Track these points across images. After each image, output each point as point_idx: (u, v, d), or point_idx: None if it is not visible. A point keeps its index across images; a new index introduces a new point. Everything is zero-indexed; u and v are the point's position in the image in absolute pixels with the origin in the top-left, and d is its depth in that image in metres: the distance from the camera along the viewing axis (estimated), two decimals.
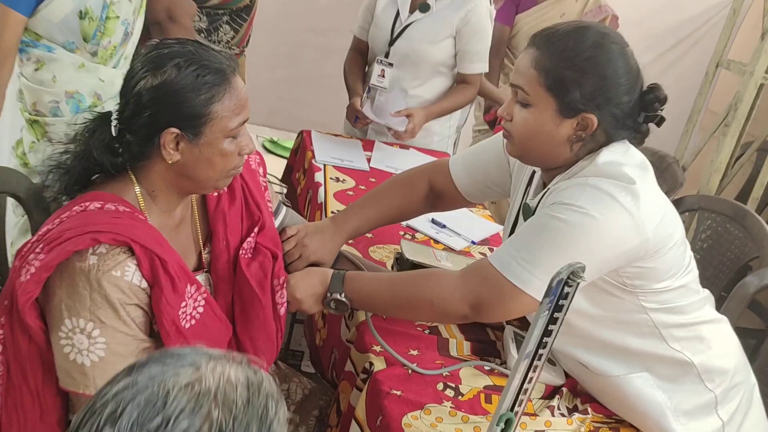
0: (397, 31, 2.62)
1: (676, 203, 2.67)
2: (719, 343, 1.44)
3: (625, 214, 1.26)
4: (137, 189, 1.26)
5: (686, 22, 4.38)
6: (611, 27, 3.33)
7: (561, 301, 1.09)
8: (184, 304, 1.23)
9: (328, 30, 4.29)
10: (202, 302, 1.28)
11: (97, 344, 1.14)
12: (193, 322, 1.26)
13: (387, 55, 2.65)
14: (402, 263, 1.75)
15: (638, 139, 1.37)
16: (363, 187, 2.29)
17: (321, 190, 2.20)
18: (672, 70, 4.38)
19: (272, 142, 4.87)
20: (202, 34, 2.67)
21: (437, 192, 1.71)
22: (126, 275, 1.15)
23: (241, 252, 1.38)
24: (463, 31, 2.57)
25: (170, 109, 1.18)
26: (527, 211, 1.46)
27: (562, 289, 1.08)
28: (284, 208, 1.61)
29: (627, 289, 1.35)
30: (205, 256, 1.39)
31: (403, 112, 2.53)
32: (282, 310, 1.43)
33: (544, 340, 1.11)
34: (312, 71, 4.46)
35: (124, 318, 1.16)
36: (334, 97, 2.88)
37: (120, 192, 1.25)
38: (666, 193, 2.58)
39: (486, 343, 1.59)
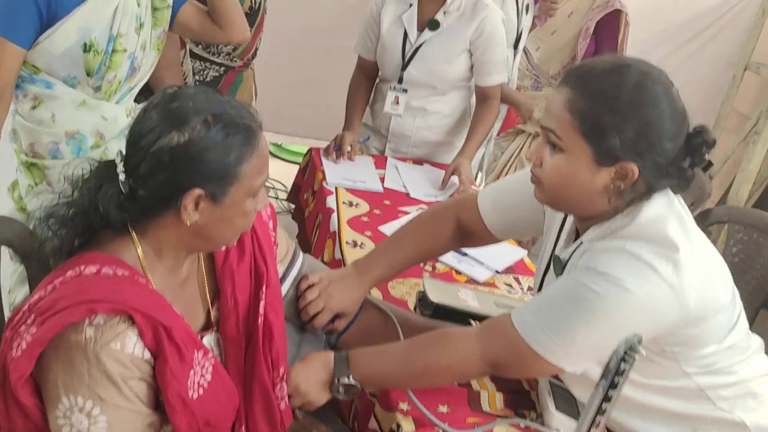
0: (408, 53, 2.49)
1: (703, 215, 2.55)
2: None
3: (665, 287, 1.14)
4: (139, 249, 1.15)
5: (701, 15, 4.23)
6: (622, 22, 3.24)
7: (617, 378, 0.99)
8: (192, 373, 1.13)
9: (332, 30, 4.17)
10: (210, 368, 1.18)
11: (98, 423, 1.05)
12: (201, 391, 1.16)
13: (400, 80, 2.52)
14: (425, 304, 1.63)
15: (682, 186, 1.23)
16: (378, 212, 2.17)
17: (334, 216, 2.09)
18: (688, 65, 4.23)
19: (277, 146, 4.77)
20: (200, 46, 2.54)
21: (465, 230, 1.59)
22: (127, 347, 1.05)
23: (259, 320, 1.27)
24: (478, 42, 2.44)
25: (196, 170, 1.09)
26: (557, 264, 1.34)
27: (619, 365, 0.98)
28: (301, 254, 1.49)
29: (666, 355, 1.24)
30: (213, 313, 1.28)
31: (448, 175, 2.41)
32: (282, 405, 1.31)
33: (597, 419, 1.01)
34: (317, 73, 4.34)
35: (126, 394, 1.06)
36: (340, 98, 2.76)
37: (119, 253, 1.14)
38: (691, 205, 2.45)
39: (520, 394, 1.48)
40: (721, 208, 2.51)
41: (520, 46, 2.89)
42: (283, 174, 4.33)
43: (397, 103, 2.53)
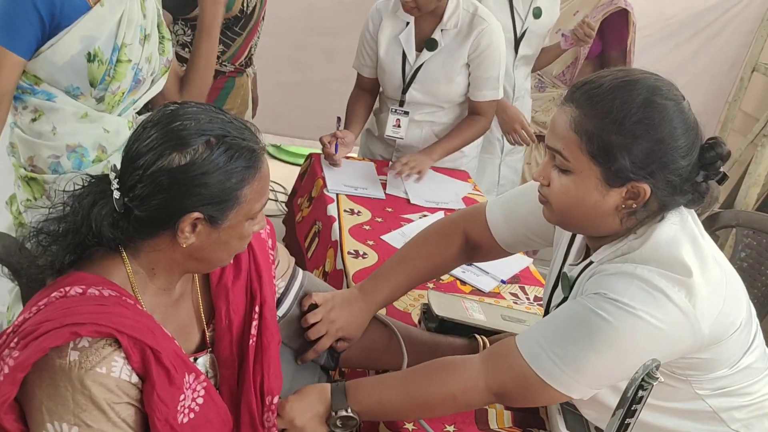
0: (408, 75, 2.44)
1: (711, 219, 2.51)
2: None
3: (679, 314, 1.09)
4: (129, 268, 1.11)
5: (702, 12, 4.18)
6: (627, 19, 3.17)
7: (634, 405, 0.94)
8: (182, 397, 1.08)
9: (332, 31, 4.13)
10: (202, 392, 1.13)
11: None
12: (192, 415, 1.11)
13: (402, 104, 2.48)
14: (430, 318, 1.59)
15: (696, 200, 1.17)
16: (380, 220, 2.13)
17: (335, 225, 2.04)
18: (690, 63, 4.20)
19: (277, 147, 4.73)
20: (187, 49, 2.42)
21: (473, 244, 1.53)
22: (113, 371, 1.01)
23: (251, 342, 1.23)
24: (474, 57, 2.38)
25: (196, 193, 1.05)
26: (565, 282, 1.29)
27: (636, 392, 0.94)
28: (301, 272, 1.44)
29: (678, 378, 1.19)
30: (209, 334, 1.24)
31: (398, 166, 2.35)
32: None
33: None
34: (316, 74, 4.31)
35: (113, 420, 1.02)
36: (340, 100, 2.72)
37: (107, 272, 1.09)
38: (699, 208, 2.40)
39: (529, 412, 1.43)
40: (729, 212, 2.47)
41: (521, 50, 2.80)
42: (282, 176, 4.28)
43: (399, 125, 2.49)
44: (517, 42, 2.74)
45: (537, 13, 2.74)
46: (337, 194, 2.23)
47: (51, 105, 1.58)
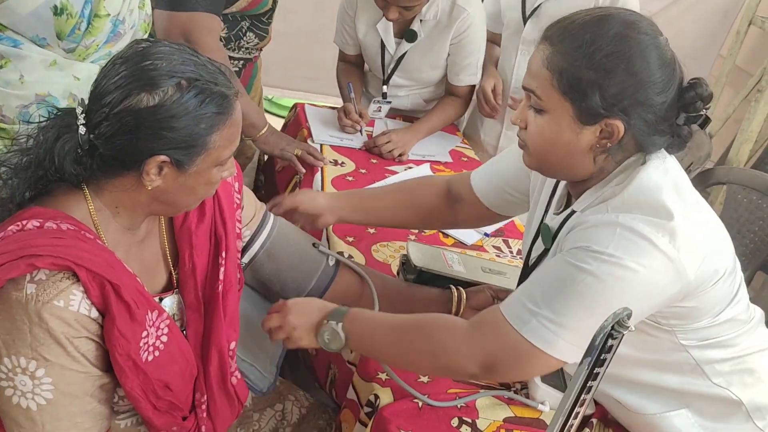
0: (389, 66, 2.38)
1: (703, 176, 2.48)
2: None
3: (664, 259, 1.06)
4: (91, 205, 1.08)
5: None
6: None
7: (604, 355, 0.92)
8: (145, 333, 1.06)
9: None
10: (166, 330, 1.11)
11: (42, 385, 0.99)
12: (156, 353, 1.10)
13: (384, 96, 2.43)
14: (408, 269, 1.56)
15: (678, 144, 1.14)
16: (363, 171, 2.09)
17: (318, 176, 2.01)
18: (687, 15, 4.12)
19: (268, 100, 4.66)
20: (221, 43, 2.27)
21: (455, 196, 1.53)
22: (71, 305, 0.98)
23: (219, 288, 1.21)
24: (454, 44, 2.30)
25: (163, 136, 1.01)
26: (546, 233, 1.26)
27: (606, 341, 0.91)
28: (272, 218, 1.41)
29: (662, 328, 1.17)
30: (175, 276, 1.22)
31: (383, 138, 2.24)
32: (234, 380, 1.25)
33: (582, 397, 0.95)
34: (305, 25, 4.22)
35: (72, 354, 1.00)
36: (331, 51, 2.66)
37: (66, 208, 1.06)
38: (690, 165, 2.37)
39: None
40: (721, 168, 2.44)
41: (527, 32, 2.41)
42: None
43: (380, 110, 2.43)
44: (525, 21, 2.38)
45: None
46: (321, 144, 2.19)
47: (17, 52, 1.51)
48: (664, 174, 1.12)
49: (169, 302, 1.20)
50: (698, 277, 1.09)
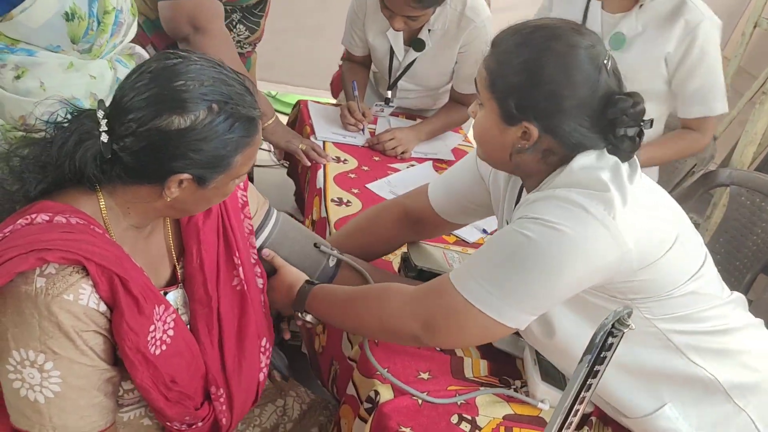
0: (396, 72, 2.39)
1: (706, 177, 2.47)
2: (751, 353, 1.26)
3: (599, 226, 1.08)
4: (102, 203, 1.08)
5: None
6: None
7: (604, 353, 0.92)
8: (152, 327, 1.07)
9: None
10: (172, 324, 1.12)
11: (51, 378, 1.00)
12: (164, 347, 1.10)
13: (387, 101, 2.44)
14: (409, 267, 1.57)
15: (622, 153, 1.16)
16: (366, 168, 2.10)
17: (320, 173, 2.01)
18: None
19: (271, 96, 4.66)
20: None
21: (414, 217, 1.56)
22: (81, 299, 0.99)
23: (244, 287, 1.25)
24: (462, 53, 2.30)
25: (190, 156, 1.02)
26: None
27: (606, 339, 0.91)
28: (275, 214, 1.41)
29: (623, 302, 1.17)
30: (179, 270, 1.23)
31: (387, 135, 2.25)
32: (261, 377, 1.30)
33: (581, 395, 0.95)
34: (310, 21, 4.22)
35: (81, 347, 1.00)
36: (334, 47, 2.66)
37: (76, 202, 1.07)
38: (694, 166, 2.36)
39: (505, 363, 1.42)
40: (724, 170, 2.43)
41: None
42: None
43: (382, 111, 2.45)
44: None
45: (617, 43, 1.99)
46: (324, 141, 2.19)
47: (33, 60, 1.50)
48: (597, 160, 1.15)
49: (173, 297, 1.20)
50: (640, 246, 1.10)
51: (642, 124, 1.15)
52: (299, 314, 1.37)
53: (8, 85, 1.50)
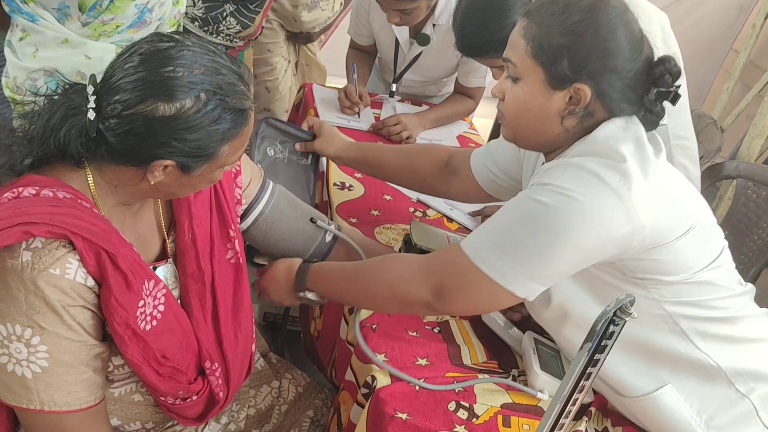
0: (401, 65, 2.38)
1: (713, 169, 2.45)
2: (756, 340, 1.24)
3: (612, 195, 1.07)
4: (90, 178, 1.07)
5: None
6: None
7: (605, 341, 0.90)
8: (141, 303, 1.06)
9: None
10: (163, 299, 1.12)
11: (38, 353, 0.99)
12: (154, 323, 1.10)
13: (392, 94, 2.44)
14: (410, 248, 1.56)
15: (650, 120, 1.18)
16: None
17: (323, 158, 1.98)
18: (700, 8, 4.07)
19: None
20: (196, 23, 2.16)
21: (453, 168, 1.59)
22: (67, 273, 0.98)
23: (240, 260, 1.25)
24: None
25: (173, 144, 1.00)
26: None
27: (607, 327, 0.89)
28: (271, 185, 1.40)
29: (633, 281, 1.16)
30: (169, 245, 1.22)
31: (392, 120, 2.22)
32: (253, 347, 1.33)
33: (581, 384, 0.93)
34: None
35: (68, 322, 0.99)
36: (339, 32, 2.63)
37: (64, 177, 1.05)
38: (701, 158, 2.33)
39: (502, 351, 1.41)
40: (731, 163, 2.41)
41: None
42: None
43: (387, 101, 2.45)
44: None
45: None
46: None
47: (33, 26, 1.52)
48: (623, 130, 1.14)
49: (162, 271, 1.19)
50: (654, 225, 1.09)
51: (677, 87, 1.15)
52: (301, 294, 1.37)
53: (15, 43, 1.53)
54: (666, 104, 1.17)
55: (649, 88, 1.15)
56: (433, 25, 2.23)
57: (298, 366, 1.60)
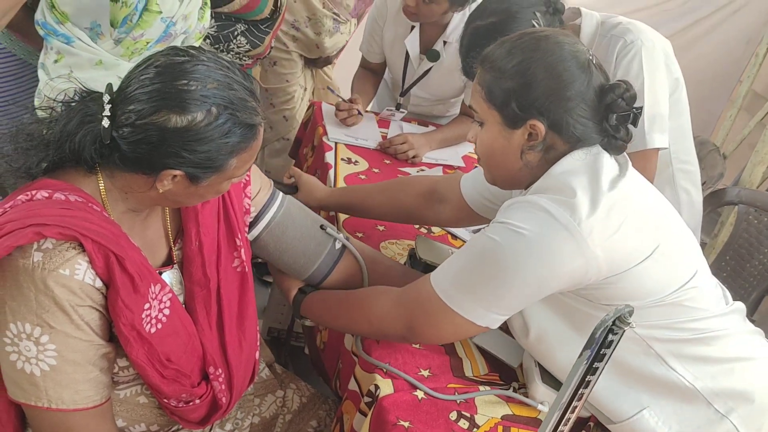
0: (410, 79, 2.42)
1: (715, 195, 2.48)
2: (737, 360, 1.24)
3: (562, 230, 1.11)
4: (101, 183, 1.11)
5: None
6: None
7: (603, 350, 0.93)
8: (147, 305, 1.09)
9: None
10: (168, 303, 1.14)
11: (46, 351, 1.02)
12: (159, 326, 1.12)
13: (398, 107, 2.48)
14: (415, 262, 1.58)
15: (615, 145, 1.22)
16: (377, 170, 2.11)
17: (331, 172, 2.02)
18: (707, 38, 4.13)
19: None
20: (208, 41, 2.18)
21: (440, 196, 1.61)
22: (77, 274, 1.01)
23: (246, 269, 1.28)
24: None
25: (183, 155, 1.04)
26: None
27: (606, 336, 0.92)
28: (280, 197, 1.43)
29: (601, 307, 1.19)
30: (176, 252, 1.25)
31: (399, 139, 2.25)
32: (257, 355, 1.36)
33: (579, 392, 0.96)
34: None
35: (76, 322, 1.02)
36: (350, 49, 2.67)
37: (76, 181, 1.09)
38: (703, 184, 2.36)
39: (505, 363, 1.42)
40: (733, 189, 2.44)
41: None
42: None
43: (393, 116, 2.48)
44: None
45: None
46: (336, 143, 2.21)
47: (69, 49, 1.56)
48: (581, 160, 1.19)
49: (168, 277, 1.22)
50: (608, 255, 1.12)
51: (635, 110, 1.19)
52: (298, 319, 1.48)
53: (50, 66, 1.56)
54: (669, 129, 1.21)
55: (606, 114, 1.19)
56: (444, 42, 2.28)
57: (302, 379, 1.62)
